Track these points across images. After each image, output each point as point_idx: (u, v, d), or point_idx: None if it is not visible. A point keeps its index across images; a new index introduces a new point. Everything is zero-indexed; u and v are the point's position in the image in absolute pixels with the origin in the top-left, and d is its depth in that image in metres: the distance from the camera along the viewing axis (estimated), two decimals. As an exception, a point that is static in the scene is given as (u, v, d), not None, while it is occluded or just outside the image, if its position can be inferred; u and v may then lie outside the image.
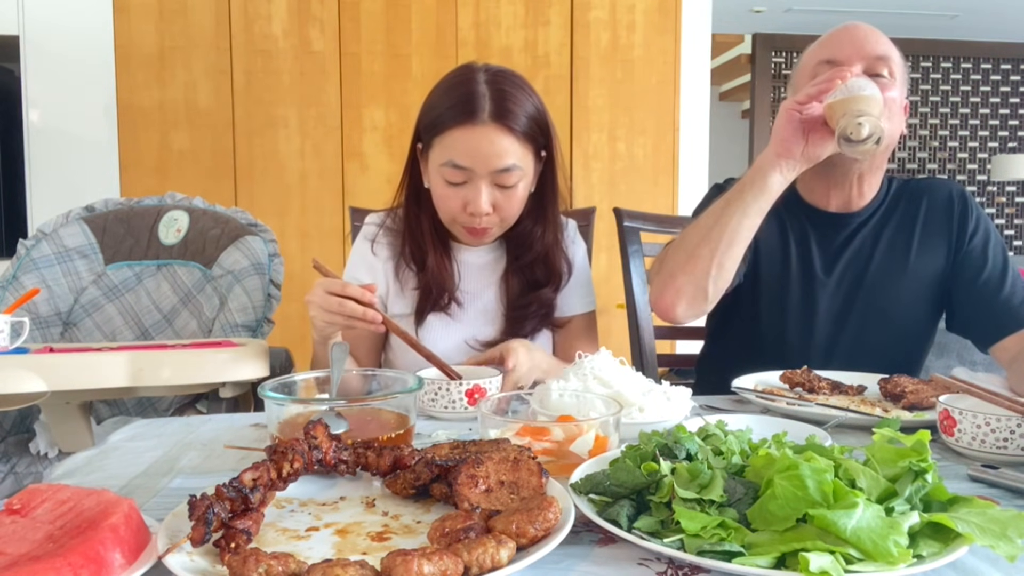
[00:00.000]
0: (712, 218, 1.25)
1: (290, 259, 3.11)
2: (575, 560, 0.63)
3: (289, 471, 0.72)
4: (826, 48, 1.36)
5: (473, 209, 1.25)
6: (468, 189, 1.25)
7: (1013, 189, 6.53)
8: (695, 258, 1.25)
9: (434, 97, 1.30)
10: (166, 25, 3.19)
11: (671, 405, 1.02)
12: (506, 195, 1.27)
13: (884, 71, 1.31)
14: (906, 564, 0.57)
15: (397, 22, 3.27)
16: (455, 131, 1.23)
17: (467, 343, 1.36)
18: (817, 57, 1.36)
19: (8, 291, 1.77)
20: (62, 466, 0.91)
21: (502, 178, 1.25)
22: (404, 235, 1.39)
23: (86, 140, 3.27)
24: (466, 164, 1.23)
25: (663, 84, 3.42)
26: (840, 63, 1.29)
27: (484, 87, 1.24)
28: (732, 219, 1.22)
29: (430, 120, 1.28)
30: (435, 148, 1.27)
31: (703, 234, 1.25)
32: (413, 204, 1.38)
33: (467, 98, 1.22)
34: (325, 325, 1.14)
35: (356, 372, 1.06)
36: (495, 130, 1.22)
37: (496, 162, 1.23)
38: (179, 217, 1.88)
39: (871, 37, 1.33)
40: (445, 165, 1.24)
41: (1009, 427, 0.88)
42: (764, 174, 1.22)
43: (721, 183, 1.54)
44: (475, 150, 1.22)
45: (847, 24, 1.37)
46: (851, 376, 1.28)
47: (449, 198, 1.27)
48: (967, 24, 5.78)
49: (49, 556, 0.55)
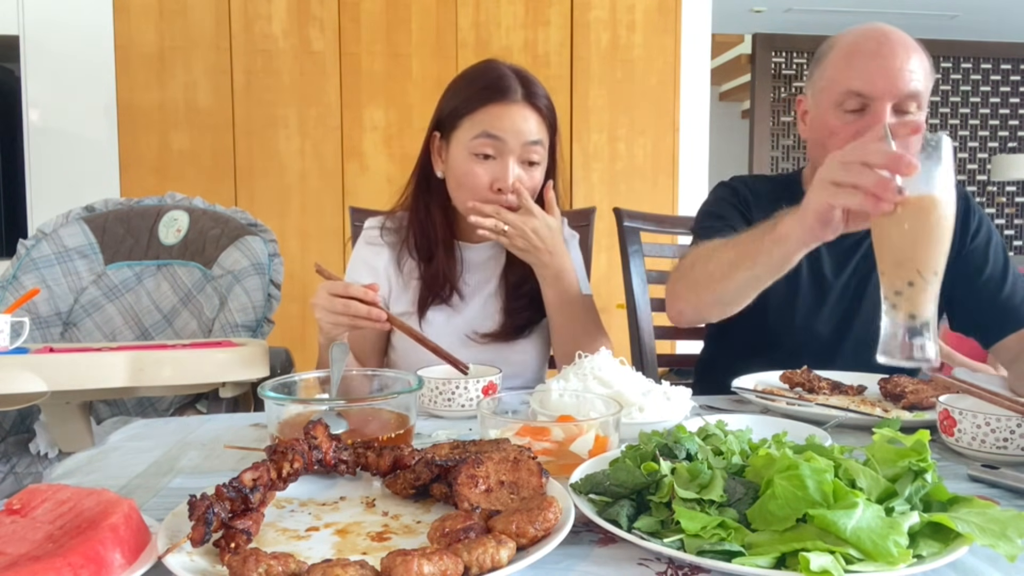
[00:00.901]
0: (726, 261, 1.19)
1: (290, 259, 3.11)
2: (575, 560, 0.63)
3: (289, 471, 0.72)
4: (857, 74, 1.28)
5: (501, 183, 1.30)
6: (496, 164, 1.30)
7: (1013, 189, 6.53)
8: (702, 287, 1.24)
9: (459, 85, 1.36)
10: (166, 25, 3.19)
11: (671, 405, 1.02)
12: (529, 173, 1.33)
13: (913, 107, 1.28)
14: (906, 564, 0.57)
15: (397, 22, 3.27)
16: (488, 107, 1.29)
17: (467, 336, 1.39)
18: (846, 82, 1.29)
19: (8, 291, 1.77)
20: (62, 466, 0.91)
21: (528, 152, 1.31)
22: (410, 228, 1.41)
23: (86, 140, 3.27)
24: (499, 134, 1.29)
25: (663, 84, 3.42)
26: (870, 98, 1.26)
27: (511, 72, 1.33)
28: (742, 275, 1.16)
29: (458, 102, 1.33)
30: (463, 128, 1.32)
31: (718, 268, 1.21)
32: (424, 195, 1.41)
33: (499, 80, 1.31)
34: (331, 327, 1.15)
35: (356, 372, 1.06)
36: (525, 107, 1.30)
37: (527, 135, 1.30)
38: (179, 217, 1.88)
39: (905, 70, 1.26)
40: (478, 137, 1.29)
41: (1009, 427, 0.88)
42: (788, 252, 1.07)
43: (727, 181, 1.54)
44: (509, 123, 1.29)
45: (879, 40, 1.29)
46: (851, 376, 1.28)
47: (477, 175, 1.31)
48: (967, 24, 5.78)
49: (49, 556, 0.55)
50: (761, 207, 1.46)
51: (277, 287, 1.80)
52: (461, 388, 1.09)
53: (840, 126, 1.31)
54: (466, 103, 1.31)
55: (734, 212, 1.44)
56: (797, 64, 6.17)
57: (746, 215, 1.44)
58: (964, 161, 6.46)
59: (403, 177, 1.47)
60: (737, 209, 1.45)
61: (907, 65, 1.27)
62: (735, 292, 1.19)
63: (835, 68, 1.32)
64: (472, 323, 1.40)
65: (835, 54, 1.33)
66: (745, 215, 1.44)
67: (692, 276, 1.27)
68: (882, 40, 1.29)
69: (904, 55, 1.27)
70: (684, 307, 1.30)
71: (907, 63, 1.27)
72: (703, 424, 0.81)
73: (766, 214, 1.47)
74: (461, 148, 1.32)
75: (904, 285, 0.83)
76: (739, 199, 1.47)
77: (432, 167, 1.39)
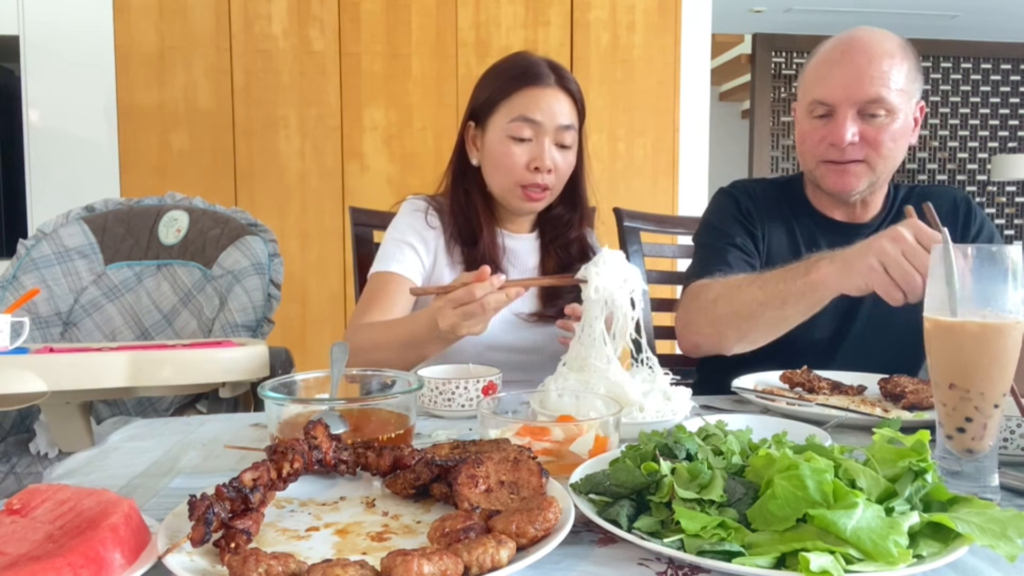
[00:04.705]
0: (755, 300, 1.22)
1: (290, 259, 3.12)
2: (575, 560, 0.63)
3: (289, 471, 0.71)
4: (819, 83, 1.34)
5: (539, 163, 1.36)
6: (533, 146, 1.37)
7: (1013, 189, 6.53)
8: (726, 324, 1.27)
9: (492, 75, 1.43)
10: (166, 25, 3.18)
11: (671, 405, 1.02)
12: (564, 156, 1.40)
13: (880, 112, 1.31)
14: (906, 564, 0.57)
15: (397, 22, 3.27)
16: (524, 92, 1.37)
17: (515, 315, 1.44)
18: (812, 91, 1.35)
19: (8, 291, 1.77)
20: (62, 466, 0.91)
21: (563, 136, 1.38)
22: (452, 215, 1.46)
23: (86, 140, 3.27)
24: (536, 117, 1.36)
25: (663, 84, 3.42)
26: (832, 105, 1.32)
27: (543, 61, 1.41)
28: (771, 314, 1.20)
29: (494, 90, 1.40)
30: (499, 113, 1.38)
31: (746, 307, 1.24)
32: (461, 183, 1.47)
33: (532, 67, 1.39)
34: (475, 326, 1.11)
35: (356, 372, 1.06)
36: (559, 91, 1.38)
37: (561, 118, 1.38)
38: (179, 217, 1.88)
39: (865, 76, 1.30)
40: (515, 120, 1.36)
41: (1009, 427, 0.88)
42: (823, 298, 1.16)
43: (726, 187, 1.55)
44: (545, 105, 1.36)
45: (844, 48, 1.33)
46: (851, 376, 1.28)
47: (514, 156, 1.37)
48: (967, 24, 5.78)
49: (49, 556, 0.55)
50: (763, 214, 1.48)
51: (277, 287, 1.80)
52: (461, 388, 1.09)
53: (809, 131, 1.39)
54: (501, 90, 1.38)
55: (737, 226, 1.47)
56: (797, 64, 6.17)
57: (749, 228, 1.47)
58: (964, 161, 6.46)
59: (403, 177, 1.49)
60: (740, 223, 1.48)
61: (869, 71, 1.30)
62: (762, 331, 1.24)
63: (808, 76, 1.39)
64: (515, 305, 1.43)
65: (811, 62, 1.40)
66: (748, 228, 1.47)
67: (715, 312, 1.29)
68: (846, 48, 1.33)
69: (866, 61, 1.30)
70: (703, 341, 1.34)
71: (869, 69, 1.30)
72: (703, 424, 0.81)
73: (768, 220, 1.48)
74: (498, 132, 1.38)
75: None
76: (741, 211, 1.49)
77: (467, 156, 1.45)
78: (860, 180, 1.36)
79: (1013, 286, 0.74)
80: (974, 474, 0.77)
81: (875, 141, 1.33)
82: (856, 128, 1.32)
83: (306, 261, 3.26)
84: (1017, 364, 1.28)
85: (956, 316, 0.76)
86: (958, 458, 0.77)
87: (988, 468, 0.77)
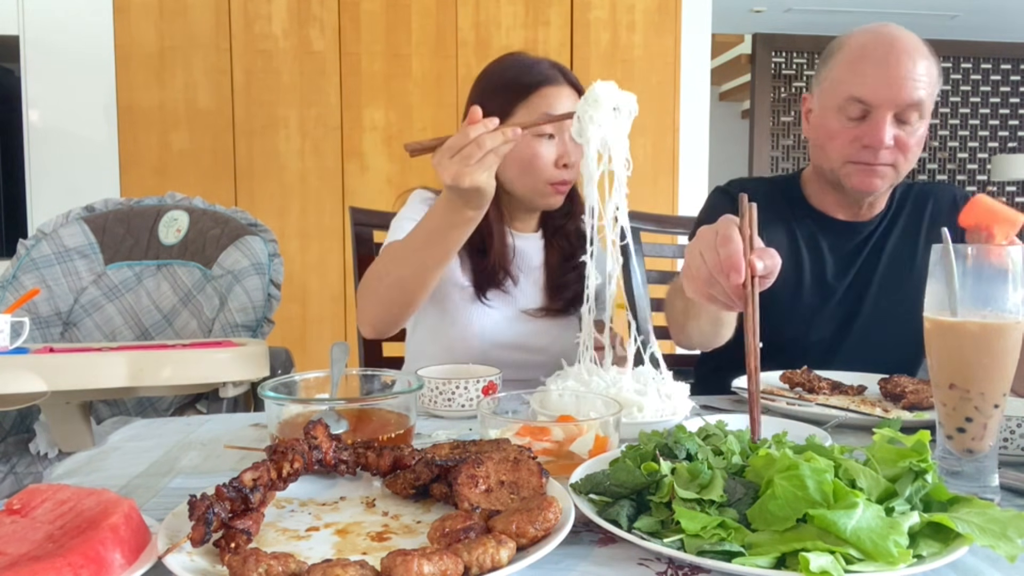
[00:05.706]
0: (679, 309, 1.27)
1: (290, 259, 3.12)
2: (575, 560, 0.63)
3: (289, 471, 0.71)
4: (861, 81, 1.29)
5: (567, 159, 1.40)
6: (557, 144, 1.40)
7: (1013, 189, 6.53)
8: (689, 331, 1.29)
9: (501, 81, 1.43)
10: (166, 25, 3.19)
11: (671, 405, 1.02)
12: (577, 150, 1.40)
13: (914, 115, 1.29)
14: (906, 564, 0.57)
15: (397, 22, 3.27)
16: (543, 90, 1.38)
17: (523, 312, 1.45)
18: (850, 88, 1.29)
19: (8, 291, 1.77)
20: (62, 466, 0.91)
21: None
22: None
23: (86, 140, 3.27)
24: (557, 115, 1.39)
25: (663, 84, 3.42)
26: (872, 106, 1.28)
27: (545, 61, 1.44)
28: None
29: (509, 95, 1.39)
30: (517, 115, 1.39)
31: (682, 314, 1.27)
32: None
33: (541, 68, 1.41)
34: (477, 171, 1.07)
35: (356, 372, 1.06)
36: (569, 89, 1.40)
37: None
38: (179, 217, 1.88)
39: (910, 79, 1.26)
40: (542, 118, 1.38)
41: (1009, 427, 0.88)
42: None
43: (723, 186, 1.54)
44: (563, 104, 1.38)
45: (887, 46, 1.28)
46: (851, 376, 1.28)
47: (542, 156, 1.40)
48: (967, 24, 5.78)
49: (49, 556, 0.55)
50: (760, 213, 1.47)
51: (277, 287, 1.80)
52: (461, 388, 1.09)
53: (840, 130, 1.33)
54: (519, 93, 1.39)
55: None
56: (797, 64, 6.17)
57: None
58: (964, 161, 6.46)
59: (403, 177, 1.49)
60: None
61: (912, 73, 1.27)
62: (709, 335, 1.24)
63: (840, 71, 1.32)
64: (524, 301, 1.47)
65: (842, 56, 1.33)
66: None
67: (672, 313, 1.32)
68: (889, 47, 1.29)
69: (910, 63, 1.27)
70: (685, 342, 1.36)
71: (913, 71, 1.27)
72: (703, 424, 0.81)
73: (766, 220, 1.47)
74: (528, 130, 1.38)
75: None
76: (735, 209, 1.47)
77: None
78: (885, 182, 1.34)
79: (1013, 286, 0.74)
80: (974, 474, 0.77)
81: (905, 145, 1.31)
82: (893, 131, 1.29)
83: (306, 261, 3.26)
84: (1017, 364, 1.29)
85: (956, 316, 0.76)
86: (958, 458, 0.77)
87: (988, 468, 0.77)
